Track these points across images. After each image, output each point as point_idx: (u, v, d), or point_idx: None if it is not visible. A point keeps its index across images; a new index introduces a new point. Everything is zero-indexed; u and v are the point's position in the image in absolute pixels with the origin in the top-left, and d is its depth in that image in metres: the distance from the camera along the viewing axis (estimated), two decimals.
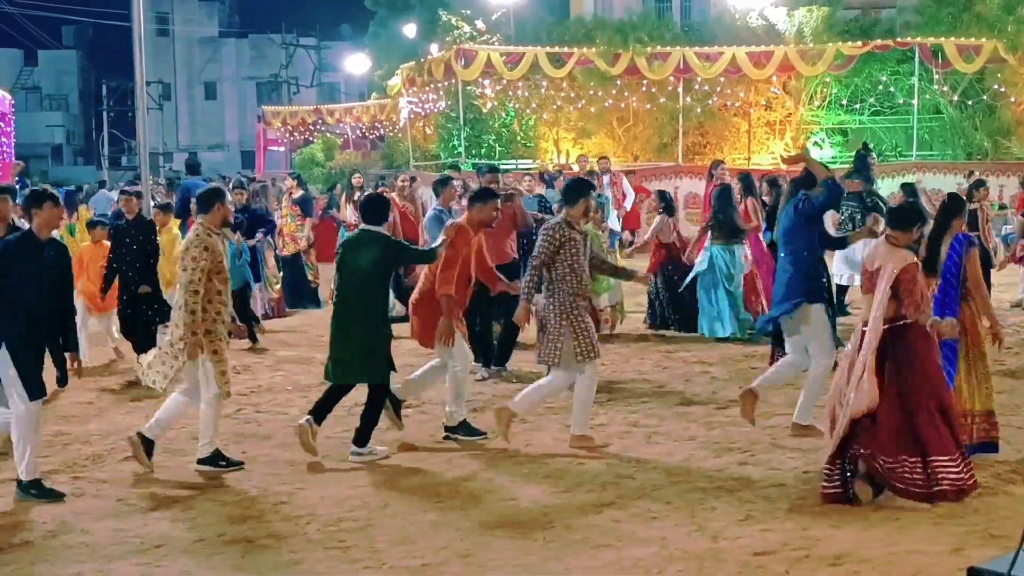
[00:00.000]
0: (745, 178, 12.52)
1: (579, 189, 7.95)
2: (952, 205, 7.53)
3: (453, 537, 6.01)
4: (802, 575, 5.37)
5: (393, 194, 15.43)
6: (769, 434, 8.03)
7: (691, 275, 12.03)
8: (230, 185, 15.32)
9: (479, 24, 29.27)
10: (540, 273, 7.78)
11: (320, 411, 7.72)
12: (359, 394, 9.51)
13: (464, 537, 6.00)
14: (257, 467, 7.50)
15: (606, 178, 17.79)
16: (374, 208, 7.92)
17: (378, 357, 7.69)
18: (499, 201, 8.63)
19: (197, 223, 7.59)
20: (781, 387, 9.61)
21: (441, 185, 11.33)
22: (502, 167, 24.87)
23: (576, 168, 20.43)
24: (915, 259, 6.65)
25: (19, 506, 6.73)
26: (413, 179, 16.52)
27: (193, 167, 14.71)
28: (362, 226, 7.88)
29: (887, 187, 18.62)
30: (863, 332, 6.59)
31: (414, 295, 8.50)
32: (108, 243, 11.10)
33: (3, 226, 8.16)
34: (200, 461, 7.49)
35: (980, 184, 13.53)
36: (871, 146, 17.23)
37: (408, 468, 7.38)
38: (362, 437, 7.69)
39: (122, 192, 11.39)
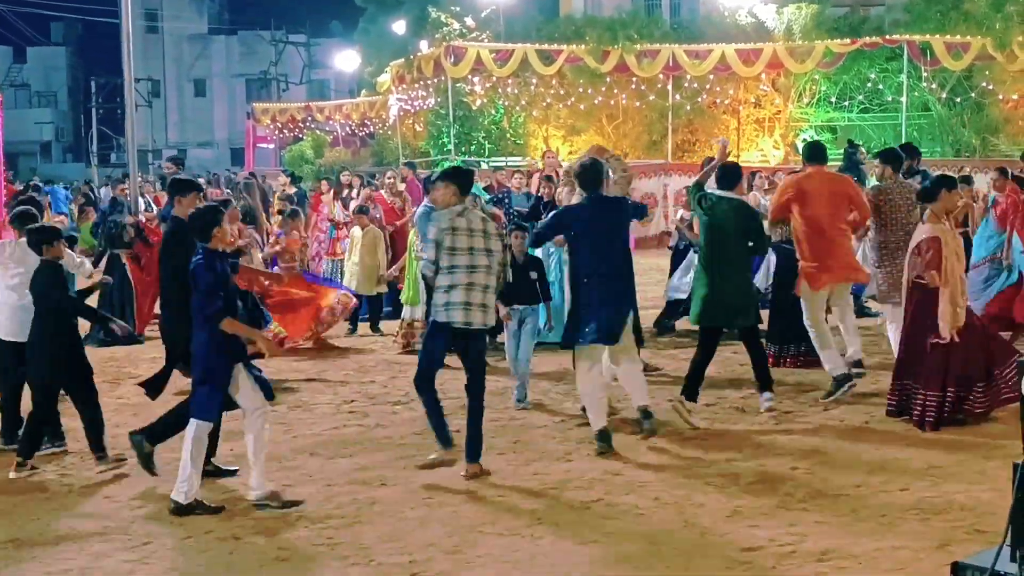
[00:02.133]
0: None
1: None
2: None
3: (441, 533, 6.01)
4: (789, 570, 5.39)
5: (381, 191, 15.50)
6: (756, 430, 8.05)
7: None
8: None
9: (468, 21, 29.27)
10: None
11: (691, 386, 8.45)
12: (356, 392, 9.51)
13: (452, 533, 6.00)
14: (244, 464, 7.47)
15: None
16: (729, 175, 8.72)
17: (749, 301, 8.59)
18: None
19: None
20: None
21: (431, 183, 11.32)
22: (492, 164, 24.94)
23: (540, 165, 19.87)
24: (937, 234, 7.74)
25: (8, 505, 6.73)
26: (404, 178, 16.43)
27: (178, 163, 14.71)
28: (717, 192, 8.59)
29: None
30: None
31: None
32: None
33: None
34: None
35: (967, 180, 13.59)
36: (859, 143, 17.24)
37: (395, 465, 7.38)
38: (766, 384, 8.56)
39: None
